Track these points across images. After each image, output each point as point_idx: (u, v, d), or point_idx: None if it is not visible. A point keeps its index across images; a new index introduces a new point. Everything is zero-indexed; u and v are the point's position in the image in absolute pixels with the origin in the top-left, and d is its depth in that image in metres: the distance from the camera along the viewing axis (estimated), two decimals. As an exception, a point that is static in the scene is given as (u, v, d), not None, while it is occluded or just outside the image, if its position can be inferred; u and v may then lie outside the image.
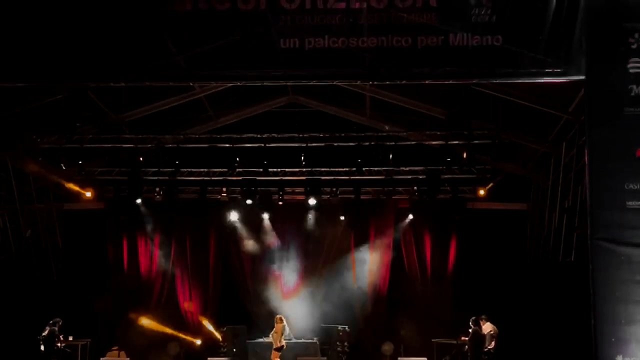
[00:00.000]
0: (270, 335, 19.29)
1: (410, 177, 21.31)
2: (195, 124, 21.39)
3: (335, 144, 19.74)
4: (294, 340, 20.39)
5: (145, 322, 22.34)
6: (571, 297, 15.06)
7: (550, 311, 17.53)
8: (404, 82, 13.51)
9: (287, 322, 20.21)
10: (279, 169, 21.23)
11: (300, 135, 19.72)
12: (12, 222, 20.65)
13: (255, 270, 23.36)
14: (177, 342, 22.28)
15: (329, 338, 21.63)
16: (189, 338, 22.58)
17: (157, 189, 22.05)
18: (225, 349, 21.21)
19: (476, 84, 16.28)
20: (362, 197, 22.17)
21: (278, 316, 19.61)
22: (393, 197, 22.38)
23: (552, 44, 11.23)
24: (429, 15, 11.38)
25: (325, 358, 19.65)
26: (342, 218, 23.19)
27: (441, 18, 11.39)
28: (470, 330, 18.44)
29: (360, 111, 21.02)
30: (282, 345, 19.01)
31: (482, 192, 21.70)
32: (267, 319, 20.54)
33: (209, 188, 22.21)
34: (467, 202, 22.39)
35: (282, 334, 19.03)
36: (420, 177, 21.18)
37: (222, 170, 21.16)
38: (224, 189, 22.51)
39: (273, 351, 18.91)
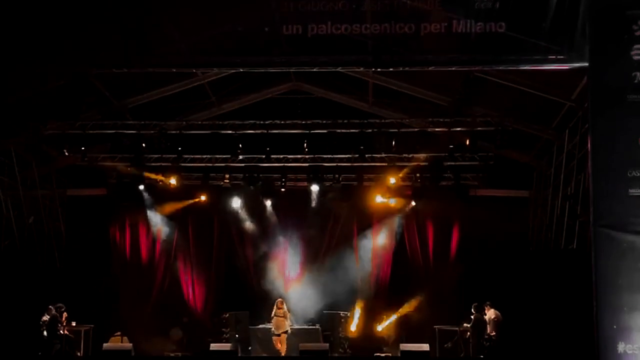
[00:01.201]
0: (275, 318, 19.37)
1: (413, 163, 21.28)
2: (198, 110, 21.38)
3: (338, 131, 19.72)
4: (296, 327, 20.46)
5: (148, 307, 22.45)
6: (573, 284, 15.07)
7: (552, 298, 17.54)
8: (407, 68, 13.49)
9: (288, 307, 20.40)
10: (282, 156, 21.20)
11: (303, 122, 19.70)
12: (15, 208, 20.67)
13: (258, 256, 23.39)
14: (180, 328, 22.36)
15: (331, 324, 21.69)
16: (191, 324, 22.64)
17: (160, 175, 22.06)
18: (228, 335, 21.29)
19: (479, 70, 16.23)
20: (365, 183, 22.17)
21: (280, 299, 19.69)
22: (396, 184, 22.31)
23: (556, 31, 11.23)
24: (432, 1, 11.38)
25: (328, 344, 19.68)
26: (345, 204, 23.19)
27: (444, 4, 11.40)
28: (472, 317, 18.51)
29: (363, 98, 21.00)
30: (288, 330, 19.20)
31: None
32: (269, 305, 20.58)
33: (212, 174, 22.23)
34: (470, 188, 22.39)
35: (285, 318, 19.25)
36: (423, 164, 21.16)
37: (224, 156, 21.14)
38: (227, 176, 22.48)
39: (283, 334, 19.08)
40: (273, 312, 19.71)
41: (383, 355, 21.00)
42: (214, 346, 19.25)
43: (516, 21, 11.31)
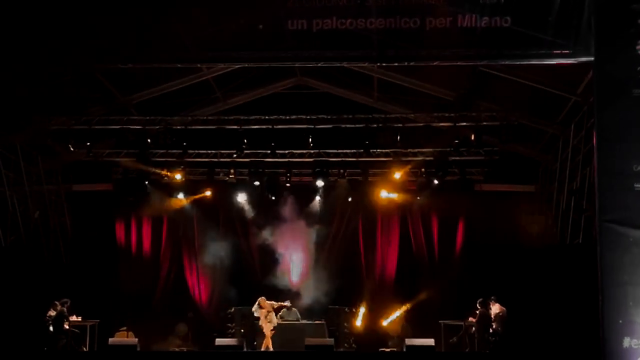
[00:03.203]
0: (265, 316, 19.30)
1: (418, 158, 21.26)
2: (203, 105, 21.39)
3: (343, 126, 19.72)
4: (301, 321, 20.46)
5: (154, 302, 22.52)
6: (579, 279, 15.06)
7: (557, 293, 17.53)
8: (412, 63, 13.46)
9: (293, 303, 20.43)
10: (287, 151, 21.21)
11: (308, 117, 19.71)
12: (21, 203, 20.72)
13: (263, 251, 23.39)
14: (185, 323, 22.39)
15: (336, 319, 21.69)
16: (197, 319, 22.68)
17: (165, 171, 22.09)
18: (233, 330, 21.32)
19: (485, 65, 16.21)
20: (370, 178, 22.18)
21: (262, 298, 19.59)
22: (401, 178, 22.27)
23: (561, 25, 11.22)
24: (437, -4, 11.38)
25: (333, 339, 19.70)
26: (350, 200, 23.21)
27: (450, -1, 11.39)
28: (477, 312, 18.50)
29: (368, 93, 20.98)
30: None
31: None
32: (275, 300, 20.56)
33: (217, 169, 22.26)
34: (475, 183, 22.36)
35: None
36: (428, 158, 21.15)
37: (230, 151, 21.15)
38: (232, 171, 22.53)
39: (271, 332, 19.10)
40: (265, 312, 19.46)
41: (388, 349, 21.06)
42: (219, 341, 19.27)
43: (522, 15, 11.30)
